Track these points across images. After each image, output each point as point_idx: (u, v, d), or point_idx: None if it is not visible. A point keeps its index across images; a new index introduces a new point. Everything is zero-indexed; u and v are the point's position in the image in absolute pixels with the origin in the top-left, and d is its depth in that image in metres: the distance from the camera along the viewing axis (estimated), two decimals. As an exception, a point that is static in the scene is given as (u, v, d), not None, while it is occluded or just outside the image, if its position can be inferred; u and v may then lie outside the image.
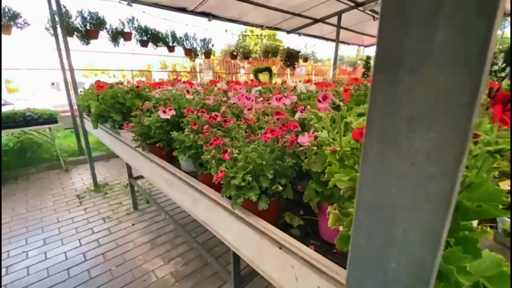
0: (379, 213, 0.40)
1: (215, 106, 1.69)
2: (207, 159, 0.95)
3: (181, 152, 1.26)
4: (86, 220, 3.20)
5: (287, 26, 8.28)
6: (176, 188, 1.46)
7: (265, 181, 0.89)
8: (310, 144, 0.81)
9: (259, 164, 0.88)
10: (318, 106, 0.90)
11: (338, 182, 0.62)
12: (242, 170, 0.88)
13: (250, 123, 1.30)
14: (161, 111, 1.45)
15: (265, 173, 0.89)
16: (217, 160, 0.96)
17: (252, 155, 0.87)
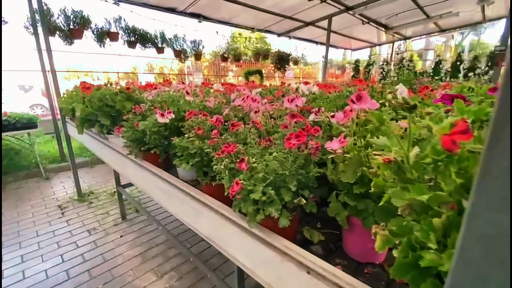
0: (502, 252, 0.29)
1: (216, 109, 1.55)
2: (219, 170, 0.83)
3: (183, 160, 1.12)
4: (69, 233, 2.95)
5: (278, 28, 8.26)
6: (174, 199, 1.31)
7: (287, 194, 0.78)
8: (343, 151, 0.70)
9: (281, 174, 0.76)
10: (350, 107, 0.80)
11: (395, 200, 0.51)
12: (261, 182, 0.76)
13: (259, 127, 1.18)
14: (159, 114, 1.30)
15: (288, 184, 0.77)
16: (230, 170, 0.83)
17: (272, 165, 0.75)
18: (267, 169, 0.76)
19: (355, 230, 0.81)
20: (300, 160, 0.78)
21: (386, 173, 0.53)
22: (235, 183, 0.75)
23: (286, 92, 1.83)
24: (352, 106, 0.70)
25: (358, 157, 0.74)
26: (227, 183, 0.82)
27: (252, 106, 1.33)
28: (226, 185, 0.82)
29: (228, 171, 0.81)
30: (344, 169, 0.76)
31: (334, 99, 1.38)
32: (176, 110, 1.39)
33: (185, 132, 1.26)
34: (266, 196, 0.73)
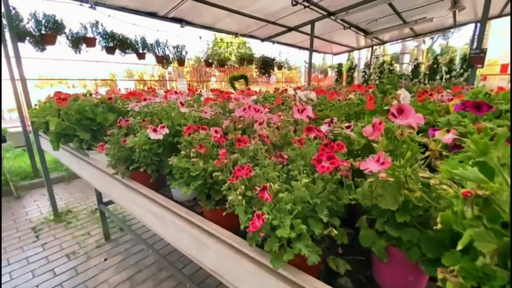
0: None
1: (212, 120, 1.42)
2: (235, 200, 0.69)
3: (183, 183, 0.97)
4: (45, 259, 2.65)
5: (261, 34, 8.24)
6: (171, 226, 1.15)
7: (317, 226, 0.66)
8: (386, 174, 0.59)
9: (312, 204, 0.64)
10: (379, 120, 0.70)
11: (480, 243, 0.40)
12: (287, 213, 0.64)
13: (267, 141, 1.06)
14: (151, 130, 1.14)
15: (318, 214, 0.65)
16: (246, 199, 0.70)
17: (301, 193, 0.63)
18: (294, 198, 0.64)
19: (393, 260, 0.70)
20: (331, 185, 0.66)
21: (462, 209, 0.43)
22: (256, 217, 0.62)
23: (286, 100, 1.73)
24: (395, 121, 0.60)
25: (398, 179, 0.64)
26: (244, 215, 0.68)
27: (255, 117, 1.21)
28: (242, 217, 0.68)
29: (245, 199, 0.68)
30: (382, 193, 0.65)
31: (341, 107, 1.30)
32: (170, 124, 1.23)
33: (182, 149, 1.11)
34: (295, 233, 0.60)
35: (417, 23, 8.33)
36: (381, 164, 0.60)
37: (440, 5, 6.88)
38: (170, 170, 1.24)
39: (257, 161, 0.96)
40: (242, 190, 0.69)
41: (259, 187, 0.68)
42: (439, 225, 0.47)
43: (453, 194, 0.43)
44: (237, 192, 0.69)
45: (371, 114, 1.24)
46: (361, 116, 1.27)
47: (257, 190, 0.65)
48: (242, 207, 0.69)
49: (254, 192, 0.66)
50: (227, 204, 0.77)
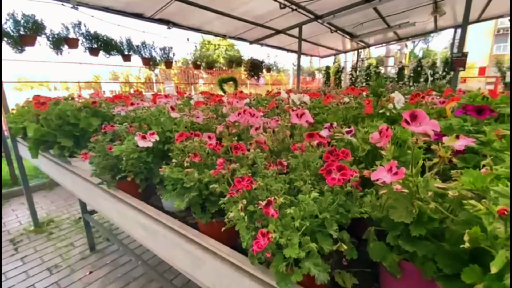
0: None
1: (205, 125, 1.35)
2: (236, 216, 0.62)
3: (175, 194, 0.90)
4: (24, 274, 2.47)
5: (249, 36, 8.22)
6: (163, 240, 1.07)
7: (326, 242, 0.61)
8: (401, 184, 0.55)
9: (320, 218, 0.59)
10: (386, 126, 0.66)
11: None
12: (295, 230, 0.58)
13: (264, 147, 1.00)
14: (140, 137, 1.06)
15: (327, 229, 0.60)
16: (249, 214, 0.64)
17: (309, 208, 0.58)
18: (302, 213, 0.59)
19: (405, 275, 0.66)
20: (341, 198, 0.61)
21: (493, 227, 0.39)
22: (261, 235, 0.56)
23: (280, 104, 1.69)
24: (408, 128, 0.56)
25: (409, 190, 0.60)
26: (246, 232, 0.62)
27: (251, 122, 1.15)
28: (244, 235, 0.62)
29: (247, 215, 0.62)
30: (394, 205, 0.61)
31: (338, 110, 1.26)
32: (160, 130, 1.16)
33: (174, 157, 1.04)
34: (304, 251, 0.55)
35: (401, 27, 8.59)
36: (395, 175, 0.56)
37: (422, 10, 7.12)
38: (160, 179, 1.16)
39: (256, 169, 0.91)
40: (243, 204, 0.63)
41: (262, 201, 0.62)
42: (466, 244, 0.43)
43: (484, 211, 0.39)
44: (238, 207, 0.63)
45: (369, 118, 1.21)
46: (359, 120, 1.24)
47: (260, 205, 0.60)
48: (244, 223, 0.63)
49: (257, 207, 0.60)
50: (226, 219, 0.71)
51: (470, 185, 0.46)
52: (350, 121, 1.26)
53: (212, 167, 0.91)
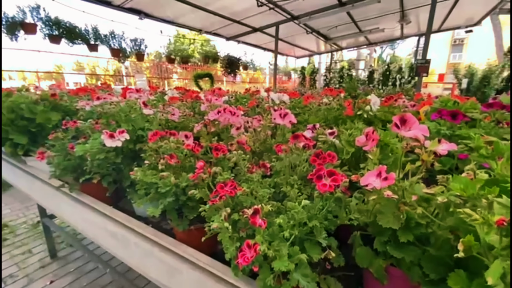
0: None
1: (181, 123, 1.26)
2: (220, 226, 0.56)
3: (149, 200, 0.81)
4: (-32, 289, 2.16)
5: (226, 32, 8.08)
6: (135, 249, 0.97)
7: (315, 250, 0.58)
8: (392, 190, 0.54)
9: (309, 226, 0.56)
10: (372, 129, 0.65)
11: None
12: (283, 240, 0.54)
13: (246, 148, 0.95)
14: (107, 135, 0.95)
15: (317, 238, 0.57)
16: (231, 221, 0.59)
17: (298, 216, 0.54)
18: (292, 222, 0.55)
19: (391, 280, 0.66)
20: (330, 204, 0.59)
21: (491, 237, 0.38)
22: (247, 247, 0.51)
23: (260, 102, 1.64)
24: (398, 132, 0.55)
25: (396, 195, 0.59)
26: (230, 243, 0.57)
27: (231, 121, 1.10)
28: (228, 246, 0.57)
29: (231, 227, 0.56)
30: (382, 210, 0.60)
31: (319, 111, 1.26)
32: (131, 128, 1.05)
33: (146, 159, 0.95)
34: (293, 263, 0.51)
35: (371, 32, 9.05)
36: (384, 180, 0.54)
37: (391, 18, 7.55)
38: (132, 182, 1.06)
39: (237, 171, 0.86)
40: (227, 213, 0.58)
41: (247, 208, 0.58)
42: (461, 253, 0.42)
43: (481, 221, 0.39)
44: (222, 216, 0.57)
45: (349, 119, 1.22)
46: (340, 122, 1.25)
47: (245, 213, 0.55)
48: (228, 233, 0.57)
49: (243, 216, 0.55)
50: (206, 227, 0.65)
51: (461, 191, 0.46)
52: (331, 122, 1.26)
53: (190, 170, 0.84)
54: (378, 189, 0.55)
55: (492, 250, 0.40)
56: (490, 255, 0.41)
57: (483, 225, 0.39)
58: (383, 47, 24.48)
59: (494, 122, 0.90)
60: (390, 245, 0.60)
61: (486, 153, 0.49)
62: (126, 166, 1.06)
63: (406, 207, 0.59)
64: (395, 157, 0.86)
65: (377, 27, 8.70)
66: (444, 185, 0.61)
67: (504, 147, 0.47)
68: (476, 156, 0.52)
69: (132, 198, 1.06)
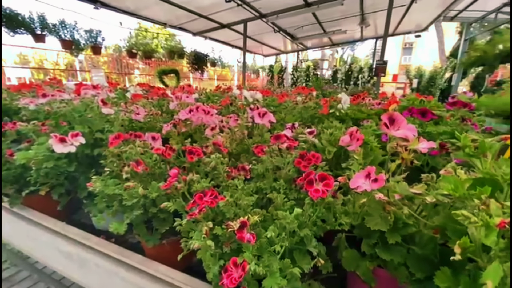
0: None
1: (147, 123, 1.14)
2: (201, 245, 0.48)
3: (112, 214, 0.70)
4: None
5: (192, 27, 7.78)
6: (95, 270, 0.84)
7: (305, 260, 0.54)
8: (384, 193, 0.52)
9: (299, 235, 0.51)
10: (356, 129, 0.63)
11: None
12: (273, 254, 0.49)
13: (223, 150, 0.88)
14: (56, 139, 0.80)
15: (307, 247, 0.53)
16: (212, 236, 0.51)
17: (290, 226, 0.49)
18: (283, 233, 0.50)
19: (378, 282, 0.65)
20: (321, 210, 0.55)
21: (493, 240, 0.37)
22: (233, 266, 0.45)
23: (233, 100, 1.57)
24: (387, 132, 0.53)
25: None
26: (212, 261, 0.50)
27: (205, 121, 1.01)
28: (210, 265, 0.49)
29: (214, 243, 0.49)
30: (370, 212, 0.58)
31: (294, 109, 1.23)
32: (87, 130, 0.91)
33: (107, 166, 0.82)
34: (286, 279, 0.46)
35: (334, 34, 9.48)
36: (374, 182, 0.52)
37: (352, 20, 7.97)
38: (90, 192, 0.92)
39: (214, 176, 0.78)
40: (208, 227, 0.50)
41: (230, 220, 0.51)
42: (458, 256, 0.41)
43: (480, 223, 0.38)
44: (203, 231, 0.50)
45: (324, 118, 1.22)
46: (316, 120, 1.24)
47: (230, 227, 0.48)
48: (210, 251, 0.50)
49: (227, 230, 0.48)
50: (182, 243, 0.57)
51: (452, 191, 0.45)
52: (307, 121, 1.24)
53: (161, 177, 0.75)
54: (368, 191, 0.52)
55: (488, 252, 0.40)
56: (485, 257, 0.41)
57: (481, 227, 0.38)
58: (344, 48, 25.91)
59: (459, 120, 0.96)
60: (378, 247, 0.59)
61: (471, 152, 0.50)
62: (82, 174, 0.92)
63: (392, 207, 0.58)
64: (374, 156, 0.86)
65: (339, 29, 9.12)
66: (427, 184, 0.61)
67: (488, 145, 0.48)
68: (462, 154, 0.52)
69: (91, 211, 0.92)
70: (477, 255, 0.42)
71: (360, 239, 0.69)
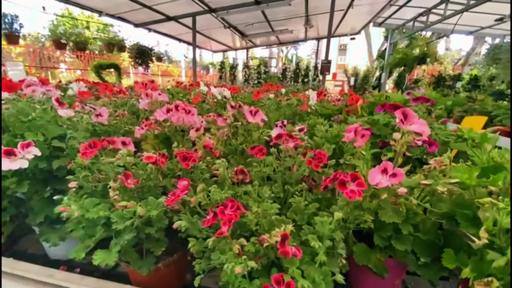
0: None
1: (112, 126, 0.97)
2: (239, 267, 0.40)
3: (92, 242, 0.56)
4: None
5: (134, 18, 7.07)
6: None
7: (333, 263, 0.51)
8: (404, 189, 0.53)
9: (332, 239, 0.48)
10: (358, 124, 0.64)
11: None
12: (311, 263, 0.45)
13: (215, 153, 0.80)
14: (3, 153, 0.59)
15: (337, 249, 0.51)
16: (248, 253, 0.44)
17: (327, 233, 0.46)
18: (323, 240, 0.46)
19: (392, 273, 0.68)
20: (353, 211, 0.53)
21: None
22: (276, 284, 0.39)
23: (205, 98, 1.46)
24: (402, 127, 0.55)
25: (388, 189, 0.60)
26: (248, 284, 0.43)
27: (186, 121, 0.91)
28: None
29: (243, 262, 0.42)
30: (384, 207, 0.60)
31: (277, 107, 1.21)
32: (43, 138, 0.71)
33: (80, 182, 0.66)
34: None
35: (282, 33, 9.85)
36: (393, 177, 0.53)
37: (298, 21, 8.40)
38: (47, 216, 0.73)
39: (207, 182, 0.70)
40: (239, 245, 0.43)
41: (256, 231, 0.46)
42: (484, 240, 0.44)
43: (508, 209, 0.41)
44: (234, 249, 0.42)
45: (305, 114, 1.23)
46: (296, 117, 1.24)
47: (264, 241, 0.42)
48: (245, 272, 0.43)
49: (261, 245, 0.42)
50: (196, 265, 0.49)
51: (468, 181, 0.49)
52: (289, 118, 1.23)
53: (152, 191, 0.63)
54: (387, 186, 0.53)
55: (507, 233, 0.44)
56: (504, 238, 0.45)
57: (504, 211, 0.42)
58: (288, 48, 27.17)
59: (426, 113, 1.07)
60: (393, 238, 0.61)
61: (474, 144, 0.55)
62: (34, 194, 0.72)
63: (401, 199, 0.61)
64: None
65: (286, 28, 9.50)
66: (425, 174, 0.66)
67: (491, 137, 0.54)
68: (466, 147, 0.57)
69: (48, 240, 0.73)
70: (497, 236, 0.46)
71: (366, 233, 0.72)
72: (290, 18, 8.32)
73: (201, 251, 0.50)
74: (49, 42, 6.14)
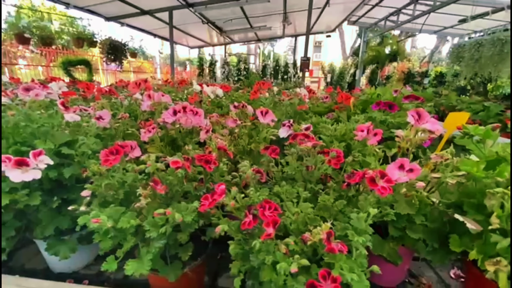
0: None
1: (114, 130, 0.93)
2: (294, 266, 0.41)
3: (122, 253, 0.54)
4: None
5: (105, 11, 6.67)
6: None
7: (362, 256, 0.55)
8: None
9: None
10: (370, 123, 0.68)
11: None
12: (349, 257, 0.48)
13: (229, 154, 0.81)
14: (10, 163, 0.54)
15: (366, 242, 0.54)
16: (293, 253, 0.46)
17: (362, 227, 0.49)
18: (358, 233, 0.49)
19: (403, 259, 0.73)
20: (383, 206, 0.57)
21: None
22: (322, 279, 0.41)
23: (202, 97, 1.43)
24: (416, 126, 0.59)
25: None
26: (296, 282, 0.44)
27: (195, 123, 0.90)
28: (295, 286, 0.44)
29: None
30: (397, 199, 0.65)
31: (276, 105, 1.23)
32: (53, 146, 0.66)
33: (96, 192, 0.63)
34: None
35: (260, 29, 9.85)
36: (410, 172, 0.58)
37: (276, 18, 8.45)
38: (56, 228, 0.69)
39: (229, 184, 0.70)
40: (286, 245, 0.44)
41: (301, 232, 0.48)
42: (496, 225, 0.50)
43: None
44: (282, 249, 0.43)
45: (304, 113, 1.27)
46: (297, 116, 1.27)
47: (308, 239, 0.45)
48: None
49: (303, 243, 0.44)
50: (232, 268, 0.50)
51: (478, 173, 0.55)
52: (291, 116, 1.26)
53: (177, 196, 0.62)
54: (406, 181, 0.58)
55: None
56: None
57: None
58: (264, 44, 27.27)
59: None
60: (408, 228, 0.66)
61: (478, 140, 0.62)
62: (41, 205, 0.67)
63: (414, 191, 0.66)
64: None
65: (265, 25, 9.52)
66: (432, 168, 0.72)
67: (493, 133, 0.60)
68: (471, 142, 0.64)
69: (57, 253, 0.69)
70: (504, 221, 0.52)
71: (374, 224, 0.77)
72: (268, 15, 8.34)
73: (240, 253, 0.51)
74: (8, 36, 5.58)
